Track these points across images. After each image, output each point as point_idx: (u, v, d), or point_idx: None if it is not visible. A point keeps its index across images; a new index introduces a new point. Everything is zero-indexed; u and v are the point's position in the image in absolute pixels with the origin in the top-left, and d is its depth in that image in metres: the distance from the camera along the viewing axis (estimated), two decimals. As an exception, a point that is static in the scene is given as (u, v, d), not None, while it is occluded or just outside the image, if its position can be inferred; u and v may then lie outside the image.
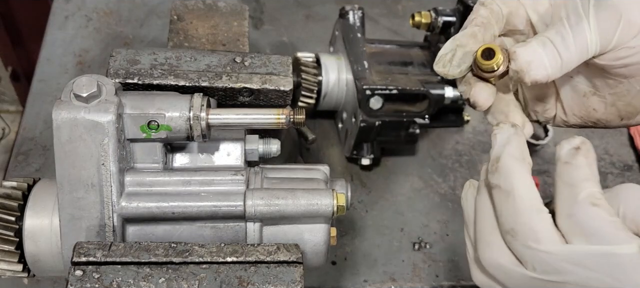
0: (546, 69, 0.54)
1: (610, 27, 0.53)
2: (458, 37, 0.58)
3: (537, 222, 0.50)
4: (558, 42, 0.54)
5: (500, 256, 0.52)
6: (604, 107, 0.62)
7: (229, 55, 0.70)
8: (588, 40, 0.53)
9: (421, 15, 0.97)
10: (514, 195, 0.51)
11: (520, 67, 0.54)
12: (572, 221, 0.49)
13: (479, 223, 0.55)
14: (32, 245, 0.66)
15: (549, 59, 0.54)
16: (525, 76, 0.54)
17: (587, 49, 0.54)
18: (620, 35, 0.53)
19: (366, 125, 0.95)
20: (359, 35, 1.02)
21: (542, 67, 0.54)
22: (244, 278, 0.58)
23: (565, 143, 0.53)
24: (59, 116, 0.60)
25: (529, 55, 0.54)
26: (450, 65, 0.58)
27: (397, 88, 0.94)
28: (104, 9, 1.24)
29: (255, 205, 0.64)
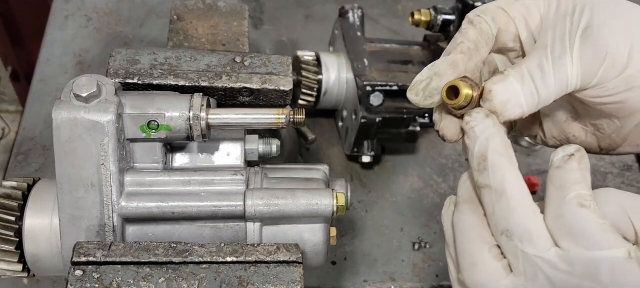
0: (522, 107, 0.52)
1: (593, 65, 0.51)
2: (438, 64, 0.55)
3: (533, 222, 0.49)
4: (538, 77, 0.52)
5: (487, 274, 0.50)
6: (585, 135, 0.60)
7: (229, 55, 0.70)
8: (569, 76, 0.52)
9: (421, 14, 0.98)
10: (507, 194, 0.49)
11: (495, 108, 0.52)
12: (560, 222, 0.48)
13: (460, 242, 0.53)
14: (32, 245, 0.66)
15: (526, 97, 0.52)
16: (499, 116, 0.52)
17: (567, 84, 0.52)
18: (603, 74, 0.51)
19: (367, 121, 0.95)
20: (359, 33, 1.03)
21: (518, 106, 0.52)
22: (244, 278, 0.58)
23: (561, 150, 0.52)
24: (59, 116, 0.60)
25: (505, 94, 0.52)
26: (422, 94, 0.55)
27: (398, 84, 0.95)
28: (104, 9, 1.24)
29: (255, 205, 0.64)
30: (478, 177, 0.51)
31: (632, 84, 0.51)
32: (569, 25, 0.52)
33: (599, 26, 0.51)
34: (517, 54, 0.59)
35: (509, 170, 0.50)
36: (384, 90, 0.94)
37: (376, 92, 0.93)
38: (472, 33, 0.56)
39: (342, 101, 1.02)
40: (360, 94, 0.94)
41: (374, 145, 1.00)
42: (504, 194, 0.49)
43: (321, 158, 1.07)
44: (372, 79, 0.94)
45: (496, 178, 0.50)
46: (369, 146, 1.00)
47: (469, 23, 0.56)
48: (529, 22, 0.56)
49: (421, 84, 0.55)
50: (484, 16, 0.56)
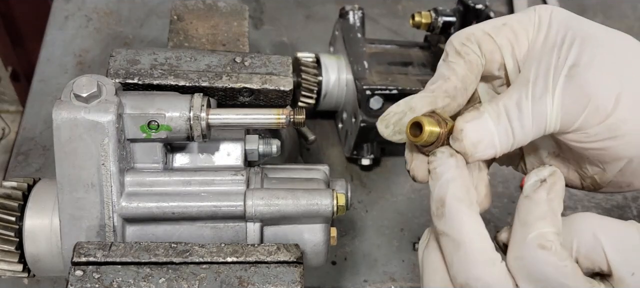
0: (495, 147, 0.49)
1: (575, 109, 0.47)
2: (415, 98, 0.51)
3: (493, 275, 0.46)
4: (514, 116, 0.48)
5: None
6: (566, 171, 0.56)
7: (229, 55, 0.70)
8: (548, 117, 0.48)
9: (421, 16, 0.98)
10: (465, 245, 0.46)
11: (464, 149, 0.48)
12: (519, 264, 0.46)
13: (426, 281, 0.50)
14: (32, 245, 0.66)
15: (500, 137, 0.48)
16: (468, 158, 0.49)
17: (546, 126, 0.48)
18: (585, 119, 0.47)
19: (366, 125, 0.95)
20: (359, 35, 1.03)
21: (490, 146, 0.49)
22: (244, 278, 0.58)
23: (533, 174, 0.49)
24: (59, 116, 0.60)
25: (477, 134, 0.48)
26: (392, 128, 0.52)
27: (397, 88, 0.94)
28: (104, 9, 1.24)
29: (255, 205, 0.64)
30: (436, 222, 0.48)
31: (615, 132, 0.47)
32: (555, 60, 0.48)
33: (585, 65, 0.47)
34: (501, 81, 0.55)
35: (467, 217, 0.47)
36: (383, 94, 0.93)
37: (375, 96, 0.93)
38: (461, 68, 0.52)
39: (342, 102, 1.02)
40: (359, 97, 0.94)
41: (374, 148, 1.00)
42: (462, 245, 0.46)
43: (321, 158, 1.07)
44: (371, 83, 0.94)
45: (454, 226, 0.47)
46: (368, 149, 1.00)
47: (456, 54, 0.52)
48: (516, 49, 0.52)
49: (394, 116, 0.52)
50: (470, 45, 0.52)
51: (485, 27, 0.52)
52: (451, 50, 0.53)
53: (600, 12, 1.40)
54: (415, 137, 0.49)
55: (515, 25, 0.52)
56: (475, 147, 0.48)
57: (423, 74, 1.01)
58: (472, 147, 0.48)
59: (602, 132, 0.47)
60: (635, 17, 1.40)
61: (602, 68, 0.47)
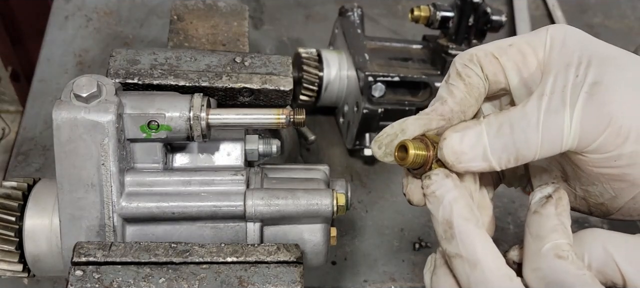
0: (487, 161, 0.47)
1: (595, 128, 0.45)
2: (408, 120, 0.51)
3: None
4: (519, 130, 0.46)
5: None
6: (574, 198, 0.54)
7: (229, 55, 0.70)
8: (565, 133, 0.46)
9: (420, 10, 0.99)
10: (481, 264, 0.45)
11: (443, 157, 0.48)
12: (537, 275, 0.45)
13: None
14: (32, 245, 0.66)
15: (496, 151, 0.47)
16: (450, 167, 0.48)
17: (562, 142, 0.46)
18: (605, 140, 0.45)
19: (369, 112, 0.95)
20: (359, 31, 1.03)
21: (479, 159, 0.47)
22: (244, 278, 0.58)
23: (538, 191, 0.49)
24: (59, 116, 0.60)
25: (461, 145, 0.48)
26: (384, 149, 0.52)
27: (399, 75, 0.95)
28: (104, 9, 1.24)
29: (255, 205, 0.64)
30: (446, 245, 0.47)
31: (635, 160, 0.45)
32: (573, 77, 0.46)
33: (608, 84, 0.45)
34: (508, 99, 0.53)
35: (478, 236, 0.46)
36: (385, 81, 0.94)
37: (378, 83, 0.94)
38: (459, 91, 0.50)
39: (343, 97, 1.02)
40: (361, 85, 0.95)
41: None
42: (477, 264, 0.45)
43: (321, 158, 1.07)
44: (373, 70, 0.95)
45: (467, 248, 0.46)
46: (370, 139, 1.00)
47: (457, 76, 0.51)
48: (523, 70, 0.50)
49: (386, 138, 0.51)
50: (472, 66, 0.51)
51: (490, 47, 0.51)
52: (453, 71, 0.51)
53: (600, 12, 1.40)
54: (402, 160, 0.49)
55: (523, 46, 0.50)
56: (458, 157, 0.47)
57: (423, 68, 1.01)
58: (453, 156, 0.47)
59: (622, 156, 0.45)
60: (635, 17, 1.40)
61: (627, 89, 0.45)
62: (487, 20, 0.97)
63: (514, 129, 0.46)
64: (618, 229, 0.50)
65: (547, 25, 0.51)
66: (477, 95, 0.51)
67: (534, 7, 1.39)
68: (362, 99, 0.95)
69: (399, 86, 0.99)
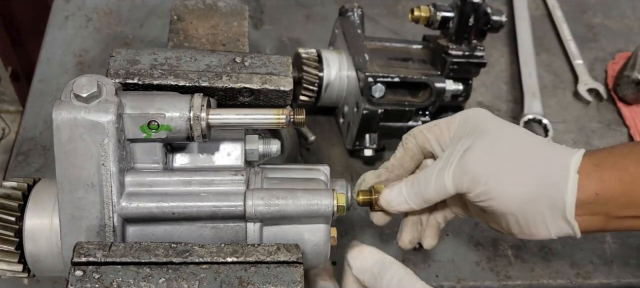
0: (407, 204, 0.72)
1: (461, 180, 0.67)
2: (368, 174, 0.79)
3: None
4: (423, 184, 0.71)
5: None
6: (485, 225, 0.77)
7: (229, 55, 0.70)
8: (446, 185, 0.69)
9: (420, 10, 0.99)
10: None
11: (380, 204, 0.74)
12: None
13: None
14: (32, 245, 0.66)
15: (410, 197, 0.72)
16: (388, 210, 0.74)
17: (446, 190, 0.69)
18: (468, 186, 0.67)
19: (368, 113, 0.95)
20: (359, 31, 1.03)
21: (402, 203, 0.73)
22: (244, 278, 0.58)
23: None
24: (59, 116, 0.60)
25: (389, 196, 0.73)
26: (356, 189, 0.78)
27: (399, 76, 0.95)
28: (104, 9, 1.24)
29: (255, 205, 0.64)
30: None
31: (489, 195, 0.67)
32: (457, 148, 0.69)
33: (472, 149, 0.68)
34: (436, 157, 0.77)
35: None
36: (385, 81, 0.95)
37: (378, 83, 0.94)
38: (400, 153, 0.78)
39: (343, 97, 1.02)
40: (361, 85, 0.95)
41: (376, 138, 1.00)
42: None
43: (321, 158, 1.07)
44: (373, 71, 0.95)
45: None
46: (370, 139, 1.00)
47: (401, 144, 0.78)
48: (440, 140, 0.74)
49: (357, 186, 0.79)
50: (410, 138, 0.77)
51: (423, 126, 0.76)
52: (401, 142, 0.78)
53: (600, 12, 1.40)
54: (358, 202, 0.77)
55: (443, 125, 0.74)
56: (389, 204, 0.74)
57: (423, 69, 1.01)
58: (386, 204, 0.74)
59: (481, 194, 0.67)
60: (635, 17, 1.40)
61: (482, 151, 0.67)
62: (487, 21, 0.97)
63: (420, 183, 0.71)
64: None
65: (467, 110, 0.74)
66: (411, 155, 0.77)
67: (534, 7, 1.39)
68: (362, 99, 0.95)
69: (399, 87, 0.99)
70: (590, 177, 0.66)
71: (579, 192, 0.66)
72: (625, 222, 0.68)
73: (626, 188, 0.66)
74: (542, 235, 0.69)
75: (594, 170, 0.66)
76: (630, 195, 0.66)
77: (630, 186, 0.66)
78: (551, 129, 1.12)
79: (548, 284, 0.97)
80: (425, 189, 0.70)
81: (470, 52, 0.99)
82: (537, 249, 1.00)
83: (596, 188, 0.66)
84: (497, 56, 1.28)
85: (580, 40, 1.32)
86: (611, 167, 0.66)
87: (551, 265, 0.98)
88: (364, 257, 0.69)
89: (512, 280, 0.96)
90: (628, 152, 0.67)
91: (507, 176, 0.67)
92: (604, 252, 1.01)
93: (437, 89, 0.99)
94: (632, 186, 0.66)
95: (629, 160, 0.67)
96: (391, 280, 0.66)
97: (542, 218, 0.68)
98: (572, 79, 1.26)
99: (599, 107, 1.22)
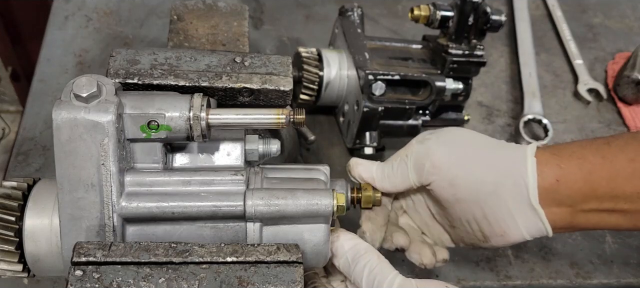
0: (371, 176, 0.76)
1: (421, 167, 0.71)
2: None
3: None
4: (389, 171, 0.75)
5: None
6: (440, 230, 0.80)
7: (229, 55, 0.70)
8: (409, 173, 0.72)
9: (420, 9, 0.99)
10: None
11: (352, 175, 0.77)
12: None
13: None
14: (32, 245, 0.66)
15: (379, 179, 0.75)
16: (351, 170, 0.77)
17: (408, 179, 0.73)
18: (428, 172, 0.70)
19: (369, 110, 0.95)
20: (359, 30, 1.03)
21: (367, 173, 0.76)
22: (244, 278, 0.58)
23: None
24: (59, 116, 0.60)
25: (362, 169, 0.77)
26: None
27: (399, 74, 0.96)
28: (104, 9, 1.24)
29: (255, 205, 0.64)
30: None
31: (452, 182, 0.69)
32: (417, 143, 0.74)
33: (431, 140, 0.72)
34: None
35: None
36: (385, 79, 0.95)
37: (378, 81, 0.94)
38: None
39: (343, 96, 1.03)
40: (362, 83, 0.95)
41: (376, 136, 1.00)
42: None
43: (321, 158, 1.07)
44: (373, 69, 0.95)
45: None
46: (370, 138, 1.00)
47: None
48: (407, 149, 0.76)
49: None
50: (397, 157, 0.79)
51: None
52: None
53: (600, 12, 1.40)
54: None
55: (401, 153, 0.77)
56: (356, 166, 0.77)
57: (423, 68, 1.01)
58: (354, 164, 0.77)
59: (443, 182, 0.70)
60: (635, 17, 1.40)
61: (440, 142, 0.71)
62: (487, 20, 0.97)
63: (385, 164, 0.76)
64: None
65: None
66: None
67: (534, 7, 1.39)
68: (362, 97, 0.95)
69: (400, 85, 0.99)
70: (548, 164, 0.67)
71: (539, 177, 0.67)
72: (592, 217, 0.69)
73: (586, 176, 0.66)
74: (513, 232, 0.69)
75: (551, 158, 0.68)
76: (592, 185, 0.66)
77: (590, 175, 0.66)
78: (551, 129, 1.12)
79: (548, 284, 0.97)
80: (389, 168, 0.74)
81: (470, 52, 0.99)
82: (537, 249, 1.00)
83: (555, 174, 0.67)
84: (497, 56, 1.28)
85: (580, 40, 1.32)
86: (569, 156, 0.68)
87: (551, 265, 0.98)
88: (340, 243, 0.69)
89: (512, 280, 0.96)
90: (587, 144, 0.69)
91: (468, 163, 0.69)
92: (604, 252, 1.01)
93: (438, 87, 0.99)
94: (592, 176, 0.66)
95: (587, 150, 0.68)
96: (364, 268, 0.66)
97: (507, 208, 0.68)
98: (572, 79, 1.26)
99: (599, 107, 1.22)
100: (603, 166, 0.66)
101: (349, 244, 0.69)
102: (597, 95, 1.23)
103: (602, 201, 0.67)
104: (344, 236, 0.69)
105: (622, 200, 0.66)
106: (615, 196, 0.66)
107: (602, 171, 0.66)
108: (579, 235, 1.02)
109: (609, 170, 0.66)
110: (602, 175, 0.66)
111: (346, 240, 0.69)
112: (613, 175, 0.66)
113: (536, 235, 0.70)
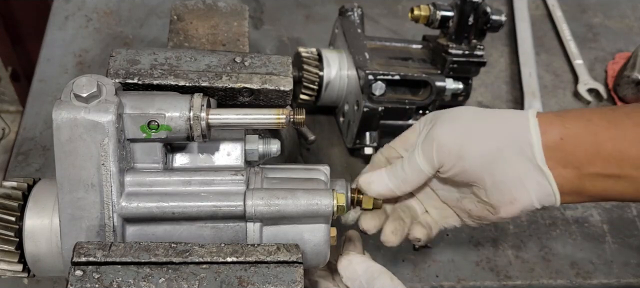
0: (388, 188, 0.74)
1: (430, 153, 0.71)
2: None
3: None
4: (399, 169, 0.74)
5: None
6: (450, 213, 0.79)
7: (229, 55, 0.70)
8: (420, 165, 0.72)
9: (420, 9, 0.99)
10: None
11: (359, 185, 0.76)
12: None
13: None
14: (32, 245, 0.66)
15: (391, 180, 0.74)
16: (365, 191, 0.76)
17: (422, 171, 0.72)
18: (438, 156, 0.70)
19: (369, 110, 0.96)
20: (359, 30, 1.03)
21: (383, 187, 0.75)
22: (244, 278, 0.58)
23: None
24: (59, 116, 0.60)
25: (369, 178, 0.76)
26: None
27: (399, 74, 0.96)
28: (104, 9, 1.24)
29: (255, 205, 0.64)
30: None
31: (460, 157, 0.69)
32: (421, 133, 0.74)
33: (433, 127, 0.71)
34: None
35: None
36: (385, 79, 0.95)
37: (378, 81, 0.94)
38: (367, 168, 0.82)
39: (343, 96, 1.03)
40: (362, 83, 0.95)
41: (376, 136, 1.00)
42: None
43: (321, 158, 1.07)
44: (373, 69, 0.95)
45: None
46: (370, 138, 1.00)
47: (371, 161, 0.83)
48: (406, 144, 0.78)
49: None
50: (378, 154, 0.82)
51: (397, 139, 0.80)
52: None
53: (600, 12, 1.40)
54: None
55: (408, 133, 0.78)
56: (369, 185, 0.75)
57: (423, 68, 1.01)
58: (366, 185, 0.76)
59: (452, 161, 0.69)
60: (635, 17, 1.40)
61: (443, 124, 0.71)
62: (487, 20, 0.97)
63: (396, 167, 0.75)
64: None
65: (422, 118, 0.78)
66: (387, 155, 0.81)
67: (534, 7, 1.39)
68: (362, 97, 0.95)
69: (400, 85, 0.99)
70: (552, 124, 0.68)
71: (543, 136, 0.67)
72: (599, 183, 0.68)
73: (591, 137, 0.66)
74: (522, 198, 0.69)
75: (555, 118, 0.69)
76: (597, 145, 0.66)
77: (595, 137, 0.66)
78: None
79: (548, 284, 0.97)
80: (401, 170, 0.74)
81: (470, 52, 0.99)
82: (537, 249, 1.00)
83: (560, 133, 0.67)
84: (497, 56, 1.28)
85: (580, 40, 1.32)
86: (573, 118, 0.68)
87: (551, 265, 0.98)
88: (353, 267, 0.70)
89: (512, 280, 0.96)
90: (592, 109, 0.69)
91: (472, 136, 0.69)
92: (604, 252, 1.01)
93: (438, 87, 0.99)
94: (597, 137, 0.66)
95: (593, 113, 0.68)
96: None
97: (515, 171, 0.68)
98: (572, 79, 1.26)
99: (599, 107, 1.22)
100: (608, 129, 0.66)
101: (362, 267, 0.69)
102: (597, 95, 1.23)
103: (608, 163, 0.66)
104: (355, 259, 0.70)
105: (628, 165, 0.65)
106: (621, 159, 0.65)
107: (607, 133, 0.66)
108: (579, 235, 1.02)
109: (615, 133, 0.66)
110: (608, 136, 0.66)
111: (358, 263, 0.70)
112: (619, 137, 0.65)
113: (545, 202, 0.69)
